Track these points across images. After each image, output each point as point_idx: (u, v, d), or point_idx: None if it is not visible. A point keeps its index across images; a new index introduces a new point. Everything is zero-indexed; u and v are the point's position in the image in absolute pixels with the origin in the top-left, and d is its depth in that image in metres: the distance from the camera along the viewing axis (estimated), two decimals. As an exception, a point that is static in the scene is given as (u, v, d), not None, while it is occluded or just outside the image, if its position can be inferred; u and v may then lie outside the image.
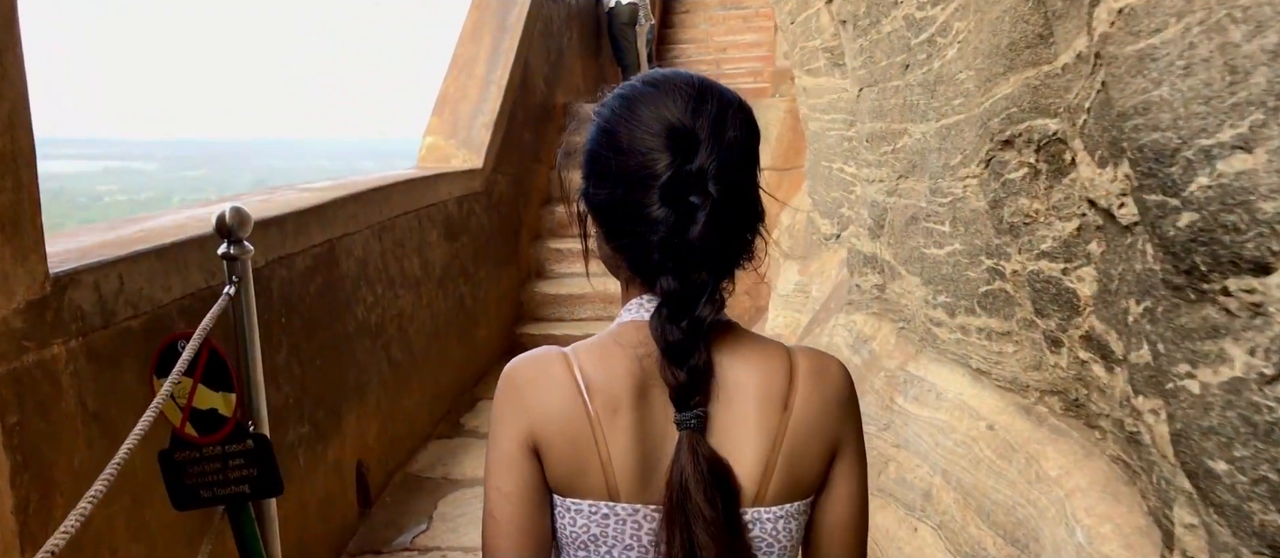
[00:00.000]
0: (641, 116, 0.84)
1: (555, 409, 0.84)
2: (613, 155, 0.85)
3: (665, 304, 0.82)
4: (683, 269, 0.82)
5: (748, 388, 0.85)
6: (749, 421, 0.84)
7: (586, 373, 0.85)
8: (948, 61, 2.24)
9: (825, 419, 0.87)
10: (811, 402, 0.86)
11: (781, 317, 4.09)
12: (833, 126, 3.87)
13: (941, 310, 2.36)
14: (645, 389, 0.84)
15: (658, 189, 0.81)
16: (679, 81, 0.86)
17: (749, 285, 5.06)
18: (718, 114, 0.85)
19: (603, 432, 0.83)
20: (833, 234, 3.86)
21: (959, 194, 2.22)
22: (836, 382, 0.90)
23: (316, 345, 2.87)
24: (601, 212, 0.88)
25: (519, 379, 0.87)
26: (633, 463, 0.83)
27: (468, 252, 4.69)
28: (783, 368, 0.87)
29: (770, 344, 0.90)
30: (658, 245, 0.81)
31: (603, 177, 0.86)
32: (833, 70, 3.79)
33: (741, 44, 9.78)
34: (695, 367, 0.82)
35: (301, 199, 3.06)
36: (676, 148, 0.82)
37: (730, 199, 0.84)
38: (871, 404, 2.51)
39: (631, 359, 0.84)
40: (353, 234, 3.31)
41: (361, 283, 3.35)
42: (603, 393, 0.83)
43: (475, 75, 5.42)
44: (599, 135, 0.87)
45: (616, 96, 0.89)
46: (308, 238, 2.88)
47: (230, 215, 1.71)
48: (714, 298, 0.85)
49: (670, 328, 0.82)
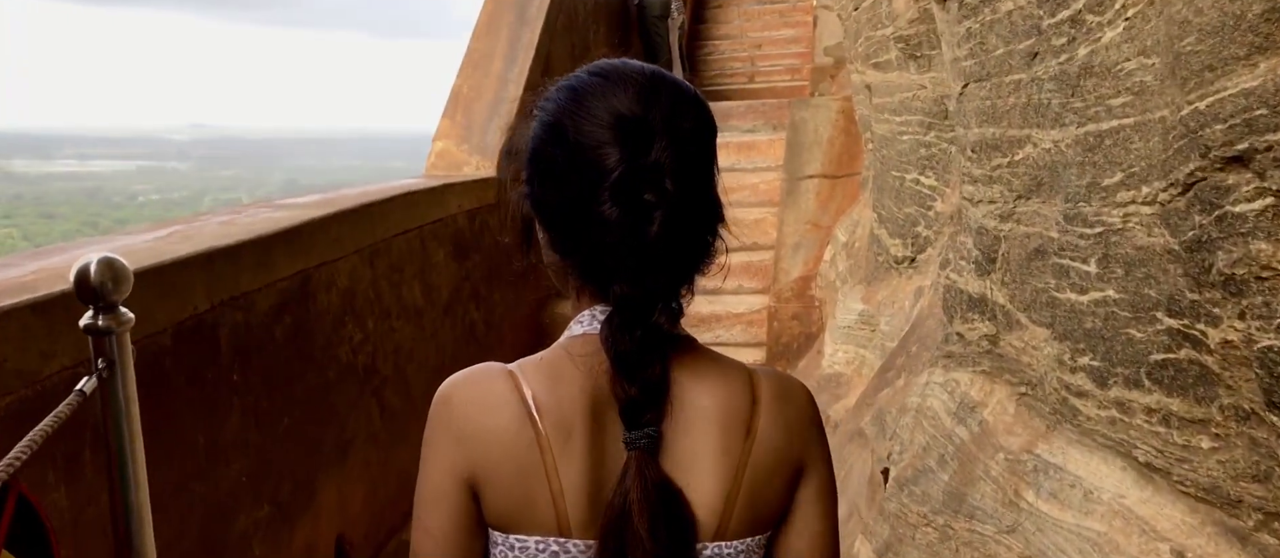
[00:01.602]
0: (589, 109, 0.78)
1: (500, 434, 0.77)
2: (558, 152, 0.78)
3: (617, 311, 0.76)
4: (637, 274, 0.76)
5: (707, 411, 0.79)
6: (709, 446, 0.78)
7: (536, 392, 0.77)
8: (1104, 47, 1.66)
9: (789, 445, 0.82)
10: (776, 426, 0.81)
11: (842, 352, 3.50)
12: (906, 130, 3.27)
13: (1086, 377, 1.78)
14: (600, 410, 0.77)
15: (609, 187, 0.75)
16: (629, 71, 0.80)
17: (798, 311, 4.47)
18: (672, 105, 0.79)
19: (553, 458, 0.76)
20: (906, 257, 3.27)
21: (1115, 224, 1.65)
22: (801, 404, 0.85)
23: (282, 404, 2.34)
24: (547, 215, 0.81)
25: (456, 400, 0.79)
26: (586, 493, 0.76)
27: (480, 272, 4.15)
28: (744, 390, 0.82)
29: (730, 363, 0.84)
30: (610, 249, 0.76)
31: (548, 176, 0.80)
32: (907, 64, 3.19)
33: (778, 40, 9.27)
34: (648, 381, 0.77)
35: (270, 221, 2.53)
36: (628, 141, 0.76)
37: (688, 197, 0.78)
38: (987, 495, 1.93)
39: (584, 376, 0.78)
40: (335, 261, 2.78)
41: (347, 319, 2.82)
42: (553, 414, 0.77)
43: (491, 72, 4.89)
44: (543, 131, 0.81)
45: (561, 89, 0.82)
46: (272, 270, 2.35)
47: (97, 271, 1.16)
48: (671, 306, 0.78)
49: (622, 337, 0.76)
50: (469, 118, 4.64)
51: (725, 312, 4.70)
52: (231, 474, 2.07)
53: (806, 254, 4.56)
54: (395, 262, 3.28)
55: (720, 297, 4.78)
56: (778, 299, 4.52)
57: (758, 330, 4.64)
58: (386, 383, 3.08)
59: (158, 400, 1.79)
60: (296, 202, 3.06)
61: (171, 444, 1.83)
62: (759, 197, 5.03)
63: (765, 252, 4.85)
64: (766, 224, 4.91)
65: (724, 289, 4.81)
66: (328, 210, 2.80)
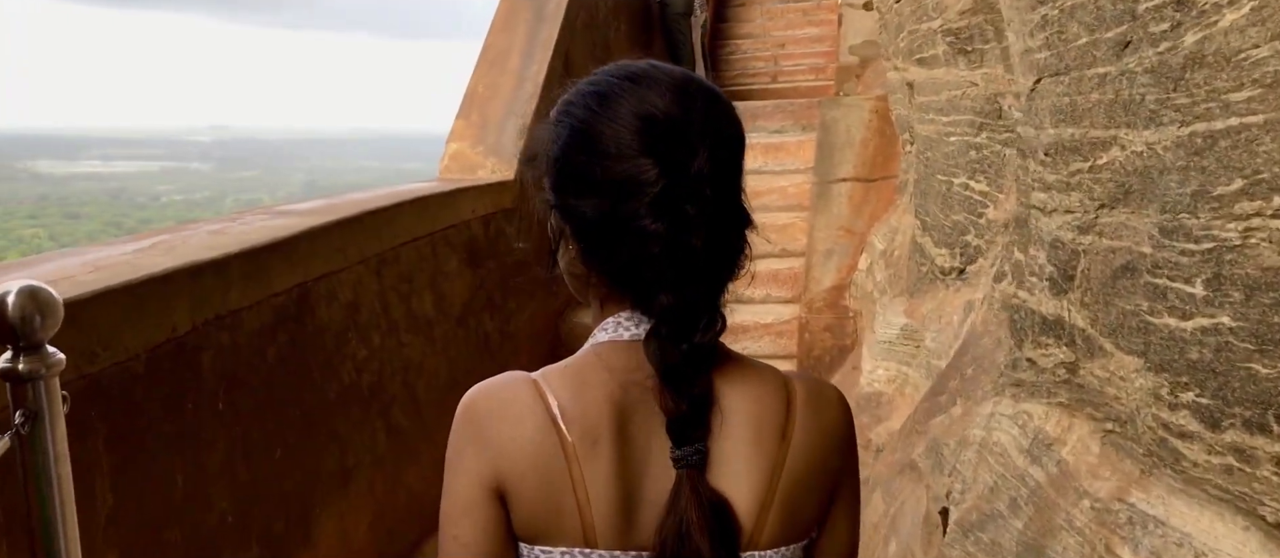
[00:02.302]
0: (622, 115, 0.75)
1: (525, 443, 0.75)
2: (590, 161, 0.75)
3: (663, 324, 0.75)
4: (681, 286, 0.74)
5: (744, 417, 0.78)
6: (745, 454, 0.77)
7: (561, 401, 0.76)
8: (1222, 32, 1.42)
9: (825, 453, 0.81)
10: (810, 433, 0.80)
11: (882, 368, 3.26)
12: (954, 131, 3.03)
13: (1191, 416, 1.54)
14: (627, 419, 0.76)
15: (650, 199, 0.73)
16: (660, 75, 0.78)
17: (830, 322, 4.23)
18: (707, 111, 0.77)
19: (580, 468, 0.74)
20: (953, 268, 3.03)
21: (1231, 240, 1.42)
22: (836, 411, 0.83)
23: (275, 431, 2.13)
24: (579, 225, 0.78)
25: (481, 410, 0.77)
26: (613, 504, 0.75)
27: (495, 280, 3.93)
28: (780, 396, 0.80)
29: (764, 369, 0.82)
30: (651, 260, 0.74)
31: (580, 186, 0.76)
32: (956, 59, 2.95)
33: (801, 39, 9.06)
34: (698, 396, 0.75)
35: (266, 230, 2.33)
36: (668, 151, 0.74)
37: (726, 205, 0.77)
38: (1071, 549, 1.69)
39: (611, 385, 0.76)
40: (338, 272, 2.57)
41: (350, 334, 2.61)
42: (580, 424, 0.75)
43: (508, 70, 4.68)
44: (572, 138, 0.77)
45: (588, 93, 0.79)
46: (265, 284, 2.14)
47: (17, 304, 0.94)
48: (716, 317, 0.77)
49: (670, 350, 0.74)
50: (484, 118, 4.43)
51: (753, 322, 4.46)
52: (214, 514, 1.86)
53: (839, 262, 4.31)
54: (404, 271, 3.07)
55: (748, 306, 4.54)
56: (809, 309, 4.27)
57: (787, 342, 4.40)
58: (394, 402, 2.86)
59: (126, 436, 1.58)
60: (298, 208, 2.86)
61: (143, 485, 1.62)
62: (788, 200, 4.79)
63: (795, 259, 4.61)
64: (796, 230, 4.67)
65: (752, 298, 4.57)
66: (330, 218, 2.59)
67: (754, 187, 5.12)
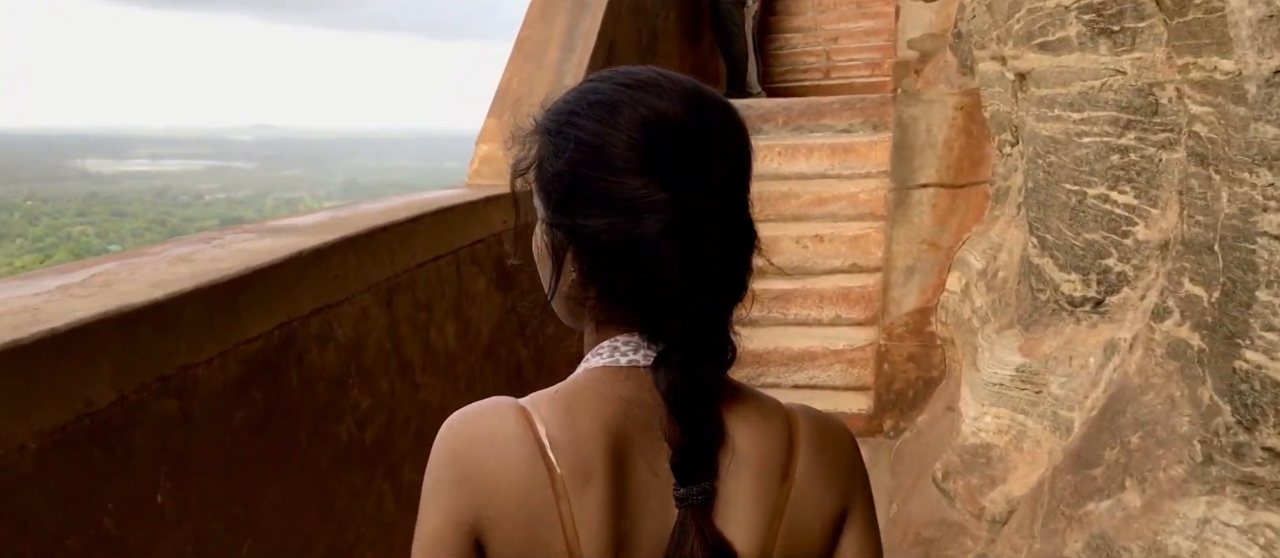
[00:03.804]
0: (632, 126, 0.70)
1: (509, 477, 0.69)
2: (598, 176, 0.70)
3: (675, 351, 0.70)
4: (694, 311, 0.70)
5: (743, 454, 0.73)
6: (746, 494, 0.72)
7: (550, 430, 0.70)
8: None
9: (829, 492, 0.76)
10: (814, 471, 0.75)
11: (991, 417, 2.71)
12: (1088, 130, 2.47)
13: None
14: (624, 452, 0.70)
15: (665, 217, 0.68)
16: (667, 82, 0.72)
17: (914, 351, 3.68)
18: (722, 120, 0.73)
19: (570, 505, 0.69)
20: (1087, 297, 2.47)
21: None
22: (842, 448, 0.79)
23: (244, 518, 1.65)
24: (584, 245, 0.72)
25: (461, 439, 0.72)
26: (605, 545, 0.69)
27: (528, 301, 3.45)
28: (782, 432, 0.75)
29: (766, 401, 0.77)
30: (664, 284, 0.69)
31: (586, 204, 0.71)
32: (1095, 42, 2.39)
33: (855, 33, 8.56)
34: (708, 431, 0.71)
35: (244, 256, 1.85)
36: (683, 164, 0.70)
37: (739, 224, 0.73)
38: None
39: (606, 414, 0.71)
40: (336, 306, 2.09)
41: (351, 381, 2.13)
42: (571, 456, 0.69)
43: (546, 64, 4.19)
44: (577, 153, 0.71)
45: (593, 102, 0.73)
46: (232, 329, 1.66)
47: None
48: (729, 345, 0.73)
49: (681, 380, 0.70)
50: (519, 116, 3.94)
51: (821, 348, 3.92)
52: (148, 650, 1.37)
53: (923, 280, 3.75)
54: (422, 298, 2.58)
55: (816, 330, 4.00)
56: (888, 335, 3.72)
57: (861, 372, 3.85)
58: (405, 458, 2.38)
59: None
60: (297, 223, 2.38)
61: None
62: (859, 208, 4.24)
63: (868, 275, 4.06)
64: (869, 242, 4.12)
65: (820, 320, 4.03)
66: (328, 237, 2.10)
67: (821, 192, 4.58)
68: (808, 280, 4.10)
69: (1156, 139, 2.27)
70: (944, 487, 2.73)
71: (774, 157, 4.46)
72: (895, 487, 3.18)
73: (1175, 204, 2.22)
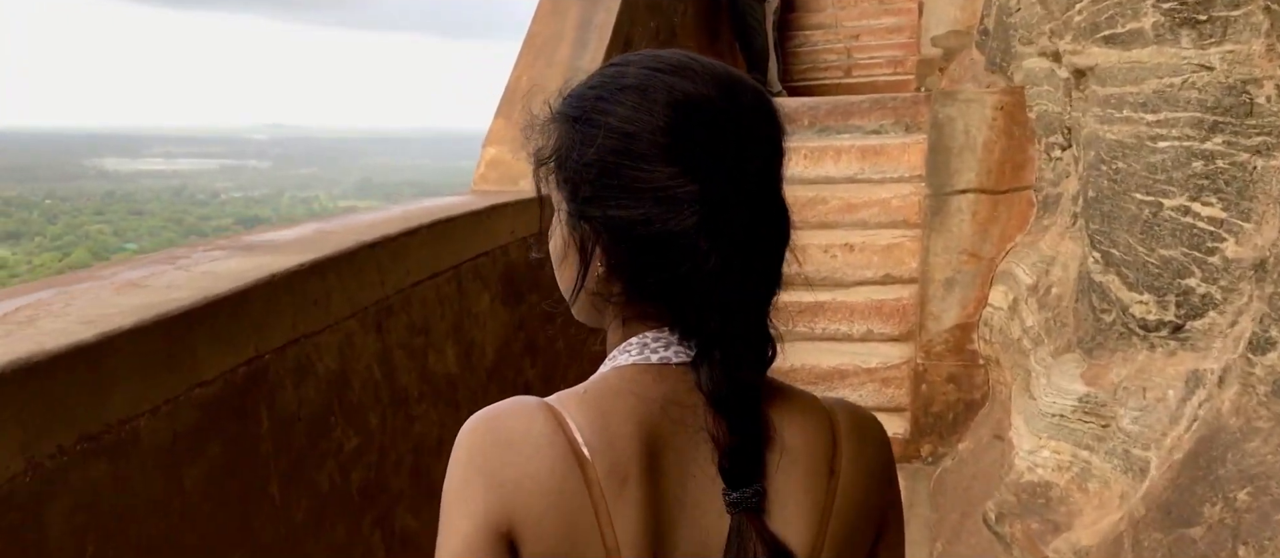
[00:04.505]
0: (660, 110, 0.66)
1: (543, 480, 0.65)
2: (631, 165, 0.67)
3: (716, 347, 0.67)
4: (732, 305, 0.67)
5: (793, 451, 0.69)
6: (796, 493, 0.69)
7: (584, 431, 0.67)
8: None
9: (871, 488, 0.73)
10: (857, 466, 0.72)
11: (1050, 451, 2.43)
12: (1164, 133, 2.19)
13: None
14: (657, 454, 0.67)
15: (703, 207, 0.65)
16: (699, 65, 0.69)
17: (955, 371, 3.40)
18: (757, 105, 0.70)
19: (608, 507, 0.65)
20: (1164, 321, 2.19)
21: None
22: (879, 442, 0.76)
23: (197, 596, 1.40)
24: (616, 239, 0.68)
25: (488, 440, 0.67)
26: (645, 549, 0.66)
27: (537, 315, 3.19)
28: (824, 425, 0.72)
29: (802, 394, 0.74)
30: (701, 276, 0.66)
31: (614, 193, 0.68)
32: (1175, 34, 2.11)
33: (877, 30, 8.32)
34: (754, 430, 0.67)
35: (207, 278, 1.60)
36: (721, 151, 0.67)
37: (774, 212, 0.70)
38: None
39: (640, 414, 0.67)
40: (316, 334, 1.83)
41: (334, 419, 1.88)
42: (606, 457, 0.66)
43: (557, 60, 3.93)
44: (606, 138, 0.68)
45: (622, 86, 0.69)
46: (183, 370, 1.41)
47: None
48: (770, 341, 0.70)
49: (723, 378, 0.66)
50: (532, 104, 3.69)
51: (852, 365, 3.65)
52: None
53: (964, 294, 3.48)
54: (417, 320, 2.33)
55: (846, 345, 3.73)
56: (927, 353, 3.44)
57: (896, 392, 3.58)
58: (400, 501, 2.13)
59: None
60: (272, 239, 2.13)
61: None
62: (892, 215, 3.96)
63: (902, 287, 3.78)
64: (903, 251, 3.84)
65: (851, 335, 3.76)
66: (307, 257, 1.85)
67: (850, 198, 4.28)
68: (837, 292, 3.82)
69: (1250, 144, 1.99)
70: (998, 530, 2.46)
71: (800, 159, 4.18)
72: (938, 522, 2.91)
73: (1274, 218, 1.95)
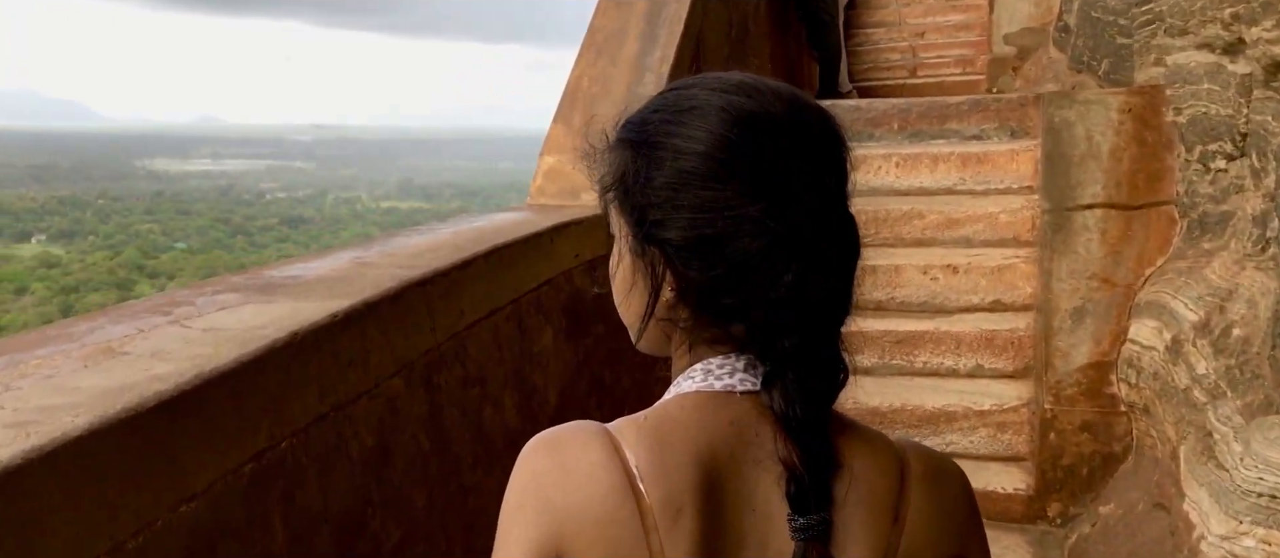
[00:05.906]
0: (727, 132, 0.65)
1: (595, 508, 0.63)
2: (696, 187, 0.65)
3: (790, 369, 0.65)
4: (805, 329, 0.65)
5: (858, 489, 0.66)
6: (857, 527, 0.66)
7: (638, 459, 0.64)
8: None
9: (943, 539, 0.69)
10: (926, 514, 0.69)
11: (1256, 539, 1.94)
12: None
13: None
14: (715, 485, 0.65)
15: (771, 228, 0.64)
16: (763, 86, 0.68)
17: (1090, 418, 2.91)
18: (820, 124, 0.69)
19: (660, 538, 0.63)
20: None
21: None
22: (957, 491, 0.72)
23: None
24: (686, 260, 0.66)
25: (542, 466, 0.66)
26: None
27: (603, 351, 2.77)
28: (893, 467, 0.69)
29: (873, 434, 0.71)
30: (772, 300, 0.64)
31: (683, 214, 0.66)
32: None
33: (944, 27, 7.91)
34: (827, 455, 0.65)
35: (205, 342, 1.20)
36: (787, 173, 0.65)
37: (844, 233, 0.69)
38: None
39: (700, 443, 0.65)
40: (349, 405, 1.43)
41: (371, 510, 1.47)
42: (661, 486, 0.64)
43: (622, 59, 3.51)
44: (673, 161, 0.66)
45: (686, 109, 0.68)
46: (164, 487, 1.01)
47: None
48: (843, 365, 0.68)
49: (795, 402, 0.64)
50: (590, 132, 3.27)
51: (961, 406, 3.17)
52: None
53: (1097, 327, 2.99)
54: (472, 370, 1.92)
55: (951, 381, 3.25)
56: (1056, 397, 2.96)
57: (1014, 438, 3.10)
58: (449, 598, 1.72)
59: None
60: (298, 274, 1.72)
61: None
62: (1000, 232, 3.47)
63: (1016, 315, 3.30)
64: (1015, 273, 3.36)
65: (956, 370, 3.29)
66: (340, 305, 1.44)
67: (951, 212, 3.71)
68: (940, 320, 3.35)
69: None
70: (1184, 635, 1.99)
71: (890, 168, 3.72)
72: (1083, 606, 2.43)
73: None
